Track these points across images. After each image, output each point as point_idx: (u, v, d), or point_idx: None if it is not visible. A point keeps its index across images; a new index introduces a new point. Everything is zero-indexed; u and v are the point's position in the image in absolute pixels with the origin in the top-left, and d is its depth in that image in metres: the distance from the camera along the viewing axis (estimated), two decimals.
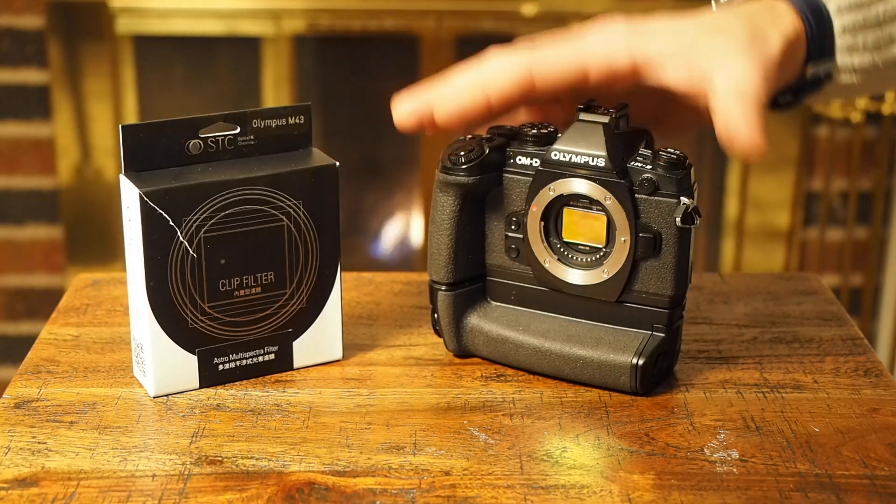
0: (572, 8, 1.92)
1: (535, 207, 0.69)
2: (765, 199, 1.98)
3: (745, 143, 0.62)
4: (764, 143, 0.61)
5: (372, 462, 0.62)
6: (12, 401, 0.68)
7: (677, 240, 0.67)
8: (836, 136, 1.97)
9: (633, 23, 0.67)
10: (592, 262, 0.69)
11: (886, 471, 0.62)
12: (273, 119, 0.70)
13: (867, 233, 2.02)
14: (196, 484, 0.60)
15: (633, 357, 0.68)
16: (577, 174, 0.67)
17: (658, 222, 0.67)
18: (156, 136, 0.68)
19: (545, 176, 0.68)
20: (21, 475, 0.61)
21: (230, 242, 0.68)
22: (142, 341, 0.68)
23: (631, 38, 0.66)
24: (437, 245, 0.71)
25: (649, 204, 0.67)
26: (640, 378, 0.68)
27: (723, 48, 0.64)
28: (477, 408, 0.68)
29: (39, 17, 1.88)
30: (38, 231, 1.98)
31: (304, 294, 0.71)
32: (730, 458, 0.63)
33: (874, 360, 0.73)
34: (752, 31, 0.66)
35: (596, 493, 0.60)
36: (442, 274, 0.71)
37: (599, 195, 0.67)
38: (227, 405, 0.68)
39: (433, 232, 0.71)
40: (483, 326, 0.72)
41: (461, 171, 0.69)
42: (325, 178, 0.70)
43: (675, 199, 0.66)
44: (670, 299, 0.68)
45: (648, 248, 0.67)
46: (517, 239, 0.71)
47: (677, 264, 0.68)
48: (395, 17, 1.94)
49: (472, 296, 0.73)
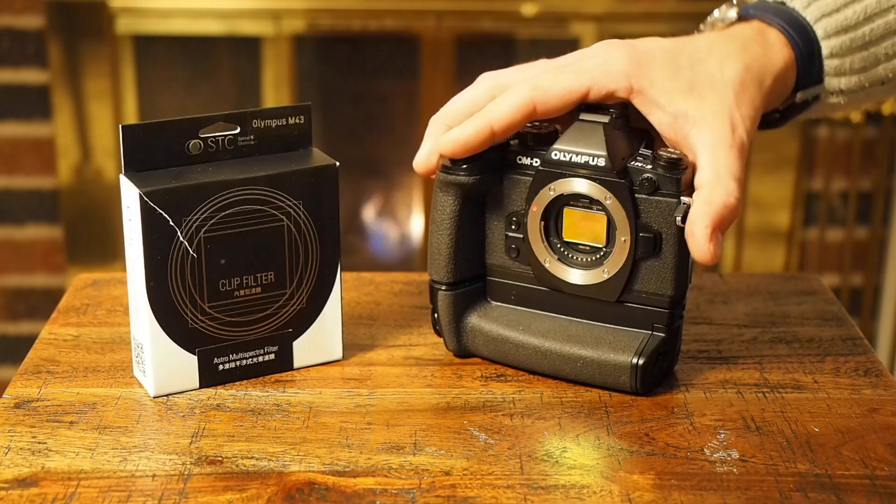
0: (572, 8, 1.92)
1: (535, 207, 0.69)
2: (765, 199, 1.98)
3: (698, 255, 0.66)
4: (715, 258, 0.65)
5: (372, 462, 0.62)
6: (12, 401, 0.68)
7: (677, 239, 0.67)
8: (836, 136, 1.97)
9: (631, 48, 0.69)
10: (592, 261, 0.69)
11: (886, 471, 0.62)
12: (273, 119, 0.70)
13: (867, 233, 2.02)
14: (196, 484, 0.60)
15: (634, 357, 0.68)
16: (577, 174, 0.68)
17: (658, 222, 0.67)
18: (156, 136, 0.68)
19: (545, 176, 0.68)
20: (21, 475, 0.61)
21: (230, 242, 0.68)
22: (142, 341, 0.68)
23: (630, 68, 0.68)
24: (438, 244, 0.71)
25: (649, 204, 0.67)
26: (641, 378, 0.68)
27: (710, 120, 0.68)
28: (477, 408, 0.68)
29: (39, 17, 1.88)
30: (38, 231, 1.98)
31: (304, 294, 0.71)
32: (730, 458, 0.63)
33: (874, 360, 0.73)
34: (741, 85, 0.69)
35: (596, 493, 0.60)
36: (442, 273, 0.71)
37: (600, 195, 0.67)
38: (227, 405, 0.68)
39: (433, 231, 0.71)
40: (483, 326, 0.72)
41: (461, 171, 0.69)
42: (325, 178, 0.70)
43: (676, 198, 0.66)
44: (670, 299, 0.68)
45: (648, 248, 0.68)
46: (517, 239, 0.71)
47: (677, 264, 0.68)
48: (395, 17, 1.94)
49: (472, 295, 0.73)
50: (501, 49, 1.99)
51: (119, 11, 1.90)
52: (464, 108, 0.70)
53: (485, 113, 0.68)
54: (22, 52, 1.90)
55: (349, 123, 2.08)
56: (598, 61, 0.68)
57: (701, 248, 0.65)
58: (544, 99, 0.67)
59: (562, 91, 0.67)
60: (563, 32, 1.95)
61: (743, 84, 0.69)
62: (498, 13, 1.94)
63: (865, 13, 0.73)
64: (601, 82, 0.67)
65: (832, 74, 0.74)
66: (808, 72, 0.73)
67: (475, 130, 0.67)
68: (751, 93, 0.69)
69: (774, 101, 0.73)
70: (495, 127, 0.67)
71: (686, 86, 0.68)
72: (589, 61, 0.69)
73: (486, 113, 0.68)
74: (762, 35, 0.72)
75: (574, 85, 0.67)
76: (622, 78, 0.67)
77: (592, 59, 0.69)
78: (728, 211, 0.65)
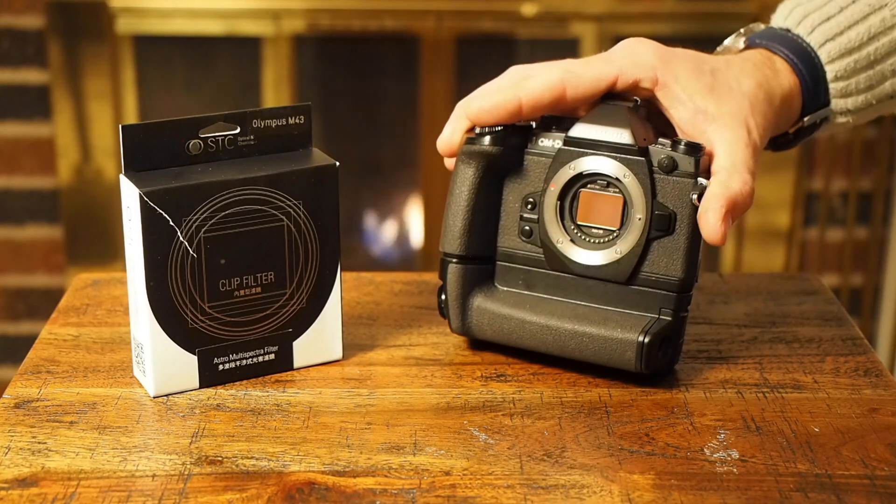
0: (572, 8, 1.92)
1: (553, 186, 0.70)
2: (765, 199, 1.99)
3: (708, 234, 0.67)
4: (723, 240, 0.67)
5: (372, 462, 0.62)
6: (12, 401, 0.68)
7: (691, 221, 0.68)
8: (836, 136, 1.97)
9: (659, 46, 0.72)
10: (605, 243, 0.70)
11: (886, 471, 0.62)
12: (273, 119, 0.70)
13: (867, 233, 2.02)
14: (196, 484, 0.60)
15: (640, 335, 0.68)
16: (598, 152, 0.69)
17: (674, 202, 0.69)
18: (156, 136, 0.68)
19: (566, 154, 0.70)
20: (21, 475, 0.61)
21: (230, 242, 0.68)
22: (142, 341, 0.69)
23: (657, 62, 0.70)
24: (454, 216, 0.72)
25: (667, 183, 0.68)
26: (646, 356, 0.68)
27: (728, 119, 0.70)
28: (477, 408, 0.68)
29: (39, 17, 1.88)
30: (38, 231, 1.98)
31: (304, 294, 0.71)
32: (730, 458, 0.63)
33: (874, 360, 0.74)
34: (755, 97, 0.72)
35: (596, 493, 0.60)
36: (455, 245, 0.72)
37: (619, 172, 0.69)
38: (227, 405, 0.68)
39: (450, 203, 0.72)
40: (489, 306, 0.72)
41: (485, 141, 0.70)
42: (325, 178, 0.70)
43: (693, 178, 0.68)
44: (680, 282, 0.69)
45: (663, 227, 0.69)
46: (532, 220, 0.72)
47: (689, 246, 0.69)
48: (395, 17, 1.94)
49: (481, 275, 0.73)
50: (501, 49, 1.99)
51: (119, 11, 1.90)
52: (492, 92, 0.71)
53: (515, 87, 0.70)
54: (22, 52, 1.90)
55: (349, 123, 2.08)
56: (627, 52, 0.71)
57: (712, 228, 0.67)
58: (575, 83, 0.69)
59: (592, 76, 0.70)
60: (563, 32, 1.95)
61: (757, 97, 0.72)
62: (498, 13, 1.94)
63: (869, 33, 0.75)
64: (629, 71, 0.70)
65: (838, 96, 0.76)
66: (815, 96, 0.76)
67: (504, 99, 0.69)
68: (763, 107, 0.72)
69: (783, 124, 0.75)
70: (524, 101, 0.69)
71: (707, 87, 0.70)
72: (618, 52, 0.71)
73: (516, 87, 0.70)
74: (770, 61, 0.75)
75: (604, 71, 0.70)
76: (649, 69, 0.70)
77: (622, 51, 0.71)
78: (742, 197, 0.67)
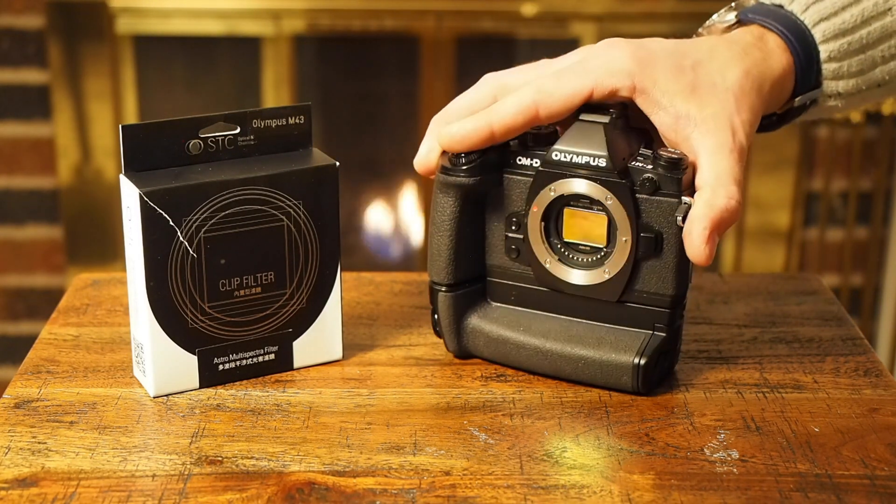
0: (572, 8, 1.92)
1: (535, 208, 0.69)
2: (765, 199, 1.99)
3: (693, 255, 0.66)
4: (709, 260, 0.66)
5: (372, 462, 0.62)
6: (12, 401, 0.68)
7: (678, 239, 0.67)
8: (836, 136, 1.97)
9: (635, 47, 0.69)
10: (593, 262, 0.69)
11: (886, 471, 0.62)
12: (273, 119, 0.70)
13: (867, 233, 2.02)
14: (196, 484, 0.60)
15: (635, 357, 0.68)
16: (577, 174, 0.68)
17: (659, 222, 0.67)
18: (156, 136, 0.68)
19: (546, 176, 0.68)
20: (21, 475, 0.61)
21: (230, 242, 0.68)
22: (142, 341, 0.69)
23: (634, 67, 0.68)
24: (438, 246, 0.71)
25: (650, 204, 0.67)
26: (642, 378, 0.68)
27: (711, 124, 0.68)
28: (477, 408, 0.68)
29: (39, 17, 1.88)
30: (38, 231, 1.98)
31: (304, 294, 0.71)
32: (730, 458, 0.63)
33: (874, 360, 0.73)
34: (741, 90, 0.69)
35: (596, 493, 0.60)
36: (442, 275, 0.71)
37: (600, 195, 0.67)
38: (227, 405, 0.68)
39: (433, 233, 0.71)
40: (483, 327, 0.72)
41: (461, 172, 0.69)
42: (325, 178, 0.70)
43: (677, 198, 0.66)
44: (671, 298, 0.68)
45: (650, 248, 0.68)
46: (517, 239, 0.71)
47: (678, 264, 0.68)
48: (395, 17, 1.94)
49: (473, 296, 0.73)
50: (501, 49, 1.99)
51: (119, 11, 1.90)
52: (465, 108, 0.70)
53: (487, 112, 0.68)
54: (22, 52, 1.90)
55: (349, 123, 2.08)
56: (601, 60, 0.68)
57: (696, 249, 0.65)
58: (548, 102, 0.67)
59: (565, 94, 0.67)
60: (563, 32, 1.95)
61: (743, 90, 0.69)
62: (498, 13, 1.94)
63: (863, 16, 0.73)
64: (605, 81, 0.67)
65: (830, 78, 0.74)
66: (807, 76, 0.73)
67: (475, 127, 0.67)
68: (750, 98, 0.69)
69: (773, 105, 0.73)
70: (495, 128, 0.67)
71: (688, 88, 0.68)
72: (592, 61, 0.68)
73: (487, 113, 0.68)
74: (761, 40, 0.72)
75: (577, 87, 0.67)
76: (625, 77, 0.67)
77: (596, 59, 0.69)
78: (728, 214, 0.66)
